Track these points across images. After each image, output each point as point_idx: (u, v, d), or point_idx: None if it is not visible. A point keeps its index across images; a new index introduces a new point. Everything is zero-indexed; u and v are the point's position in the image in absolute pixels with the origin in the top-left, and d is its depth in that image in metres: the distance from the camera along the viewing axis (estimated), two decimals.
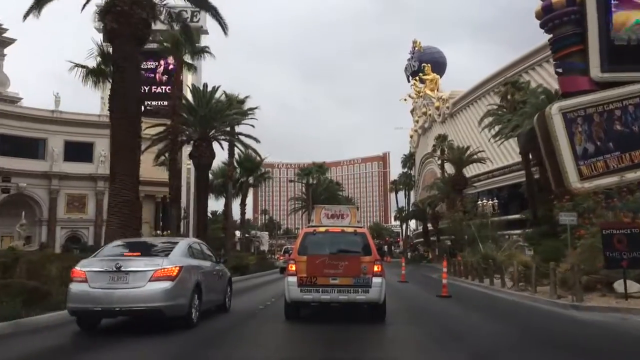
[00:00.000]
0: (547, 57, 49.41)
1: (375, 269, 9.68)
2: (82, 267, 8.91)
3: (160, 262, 8.87)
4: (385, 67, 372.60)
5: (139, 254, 9.32)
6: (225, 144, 31.00)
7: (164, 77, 69.11)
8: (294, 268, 9.82)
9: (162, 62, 72.84)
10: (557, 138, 21.58)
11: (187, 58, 26.27)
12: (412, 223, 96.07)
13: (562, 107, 22.12)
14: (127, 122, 15.11)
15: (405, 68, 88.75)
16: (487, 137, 49.77)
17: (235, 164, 37.16)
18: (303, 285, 9.65)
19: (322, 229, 10.43)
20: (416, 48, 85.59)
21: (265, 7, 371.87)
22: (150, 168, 50.60)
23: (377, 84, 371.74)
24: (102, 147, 55.04)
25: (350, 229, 10.53)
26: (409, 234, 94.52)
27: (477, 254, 26.59)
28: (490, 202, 32.77)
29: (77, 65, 20.88)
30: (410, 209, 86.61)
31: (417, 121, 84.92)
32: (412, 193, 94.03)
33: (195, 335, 8.61)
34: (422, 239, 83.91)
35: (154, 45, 26.07)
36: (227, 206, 35.81)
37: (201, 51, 26.40)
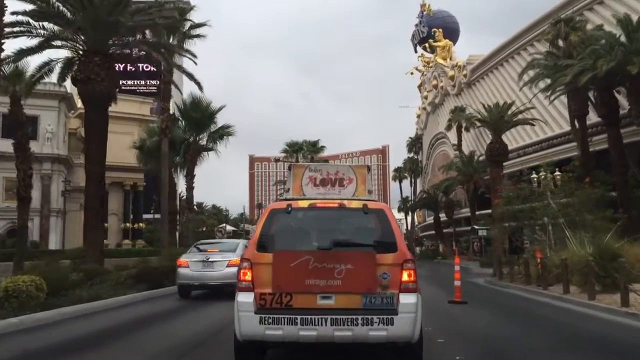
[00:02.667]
0: None
1: (405, 277, 5.58)
2: (185, 258, 14.33)
3: (231, 255, 13.91)
4: (383, 63, 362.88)
5: (217, 250, 14.52)
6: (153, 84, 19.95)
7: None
8: (249, 276, 5.69)
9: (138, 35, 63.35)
10: None
11: None
12: (410, 216, 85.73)
13: None
14: None
15: (413, 35, 77.61)
16: (522, 101, 39.41)
17: (178, 114, 25.95)
18: (266, 309, 5.55)
19: (304, 204, 6.13)
20: (425, 12, 74.50)
21: (262, 3, 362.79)
22: (118, 152, 40.66)
23: (376, 79, 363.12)
24: (48, 121, 48.04)
25: (356, 204, 6.07)
26: (415, 226, 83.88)
27: (559, 248, 16.19)
28: (550, 175, 22.20)
29: None
30: (417, 198, 76.14)
31: (426, 97, 74.34)
32: (418, 181, 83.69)
33: None
34: (431, 232, 73.82)
35: None
36: (164, 177, 23.77)
37: None
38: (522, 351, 7.23)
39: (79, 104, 62.67)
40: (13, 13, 15.23)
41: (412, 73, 78.17)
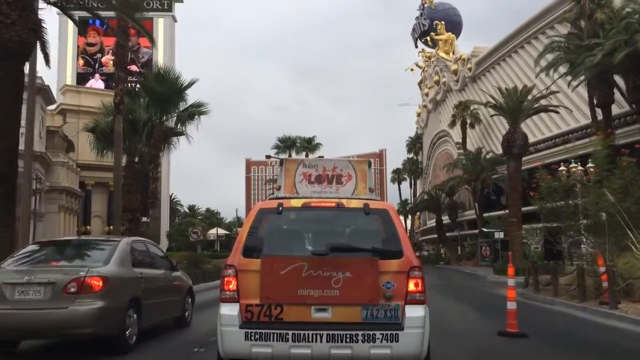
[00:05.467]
0: None
1: (412, 286, 5.24)
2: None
3: None
4: (381, 66, 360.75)
5: None
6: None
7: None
8: (233, 285, 5.37)
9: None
10: None
11: None
12: (409, 220, 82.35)
13: None
14: None
15: (413, 29, 74.28)
16: (533, 95, 35.84)
17: (138, 87, 21.70)
18: (253, 323, 5.23)
19: (297, 203, 5.81)
20: (426, 4, 71.31)
21: (260, 7, 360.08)
22: None
23: (374, 83, 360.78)
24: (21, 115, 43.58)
25: (356, 203, 5.75)
26: (414, 230, 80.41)
27: (617, 253, 12.64)
28: (579, 167, 18.75)
29: None
30: (418, 200, 72.62)
31: (427, 94, 71.00)
32: (418, 182, 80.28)
33: None
34: (431, 236, 70.27)
35: None
36: (116, 163, 18.95)
37: None
38: None
39: (59, 98, 59.31)
40: None
41: (412, 69, 74.87)
